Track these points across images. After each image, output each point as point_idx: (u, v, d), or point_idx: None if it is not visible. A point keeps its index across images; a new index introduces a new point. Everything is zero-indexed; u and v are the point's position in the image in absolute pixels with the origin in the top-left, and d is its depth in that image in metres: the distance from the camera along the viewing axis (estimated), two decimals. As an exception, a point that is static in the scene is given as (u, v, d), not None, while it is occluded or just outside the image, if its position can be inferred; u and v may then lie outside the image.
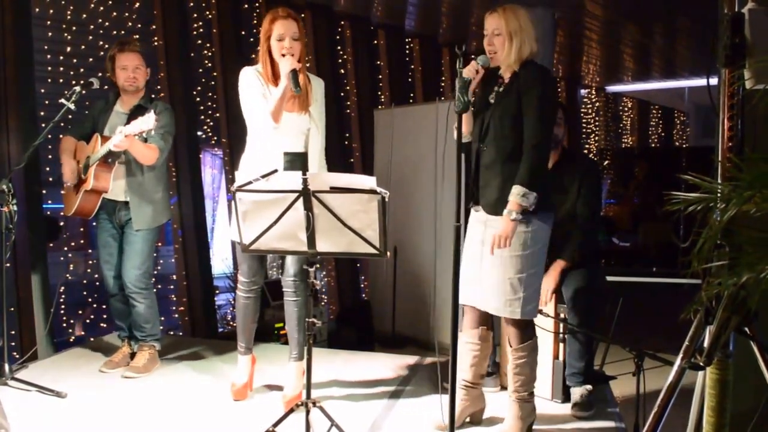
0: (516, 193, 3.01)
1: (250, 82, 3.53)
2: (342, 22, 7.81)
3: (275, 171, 2.89)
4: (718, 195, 1.89)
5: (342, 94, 7.69)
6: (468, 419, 3.43)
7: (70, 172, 4.14)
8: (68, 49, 5.49)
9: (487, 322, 3.37)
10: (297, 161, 3.50)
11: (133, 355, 4.29)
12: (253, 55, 6.67)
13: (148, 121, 3.74)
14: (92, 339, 5.08)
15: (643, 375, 3.14)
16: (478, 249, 3.19)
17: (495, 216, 3.13)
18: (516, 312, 3.12)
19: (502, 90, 3.19)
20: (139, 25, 5.91)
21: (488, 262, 3.14)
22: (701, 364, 2.10)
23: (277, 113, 3.44)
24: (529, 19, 3.16)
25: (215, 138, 6.78)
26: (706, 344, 2.11)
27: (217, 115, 6.55)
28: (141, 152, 3.98)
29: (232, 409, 3.64)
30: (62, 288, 5.44)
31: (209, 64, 6.47)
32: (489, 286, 3.15)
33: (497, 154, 3.14)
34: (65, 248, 5.73)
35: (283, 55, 3.44)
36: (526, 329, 3.22)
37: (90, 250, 5.74)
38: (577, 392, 3.66)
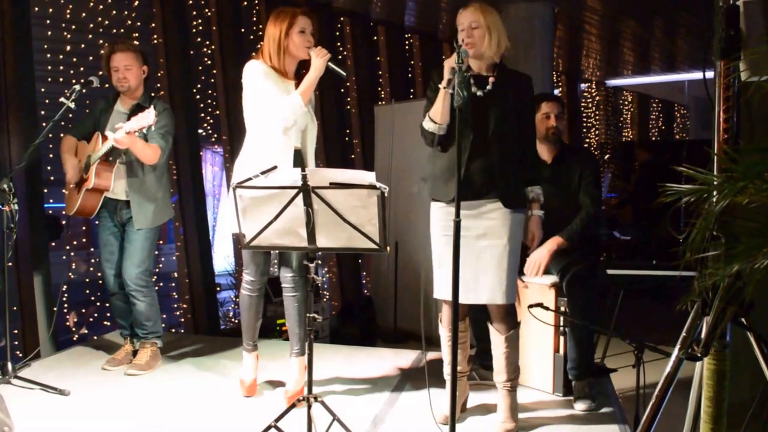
0: (539, 192, 3.34)
1: (266, 75, 3.54)
2: (342, 19, 7.81)
3: (275, 167, 2.90)
4: (714, 185, 1.90)
5: (342, 90, 7.69)
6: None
7: (72, 169, 4.15)
8: (68, 48, 5.50)
9: (468, 313, 3.49)
10: (298, 158, 3.55)
11: (135, 353, 4.31)
12: (253, 53, 6.69)
13: (148, 117, 3.75)
14: (95, 337, 5.10)
15: (643, 367, 3.15)
16: (472, 243, 3.19)
17: (499, 209, 3.20)
18: (513, 298, 3.26)
19: (492, 88, 3.22)
20: (139, 24, 5.92)
21: (485, 254, 3.17)
22: (698, 354, 2.11)
23: (307, 97, 3.54)
24: (498, 17, 3.29)
25: (215, 135, 6.80)
26: (703, 335, 2.12)
27: (218, 112, 6.55)
28: (142, 151, 3.98)
29: (235, 404, 3.66)
30: (65, 287, 5.46)
31: (209, 62, 6.48)
32: (491, 277, 3.19)
33: (507, 152, 3.23)
34: (67, 247, 5.75)
35: (308, 48, 3.55)
36: (513, 315, 3.34)
37: (92, 249, 5.76)
38: (578, 384, 3.67)
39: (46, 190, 5.11)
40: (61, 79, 5.42)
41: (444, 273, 3.22)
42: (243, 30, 6.62)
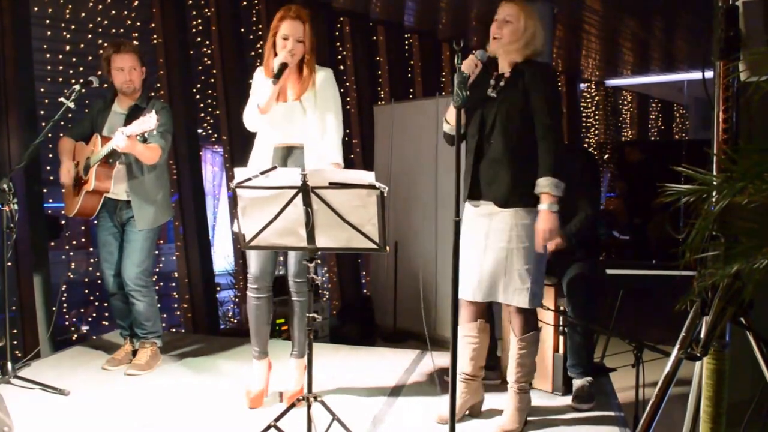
0: (547, 184, 3.11)
1: (255, 80, 3.61)
2: (341, 19, 7.81)
3: (275, 167, 2.91)
4: (713, 185, 1.90)
5: (342, 90, 7.67)
6: (467, 412, 3.46)
7: (67, 173, 4.16)
8: (67, 47, 5.50)
9: (485, 314, 3.41)
10: (279, 156, 3.56)
11: (135, 353, 4.31)
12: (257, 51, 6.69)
13: (149, 122, 3.74)
14: (94, 337, 5.10)
15: (643, 366, 3.16)
16: (482, 242, 3.21)
17: (504, 209, 3.17)
18: (524, 301, 3.18)
19: (504, 85, 3.21)
20: (138, 23, 5.92)
21: (494, 254, 3.17)
22: (698, 354, 2.11)
23: (266, 106, 3.50)
24: (540, 22, 3.23)
25: (215, 135, 6.79)
26: (702, 335, 2.13)
27: (217, 112, 6.55)
28: (143, 153, 3.99)
29: (234, 404, 3.65)
30: (64, 286, 5.46)
31: (209, 62, 6.48)
32: (497, 277, 3.18)
33: (506, 149, 3.18)
34: (67, 247, 5.75)
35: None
36: (530, 319, 3.28)
37: (91, 249, 5.76)
38: (578, 384, 3.68)
39: (45, 190, 5.11)
40: (60, 79, 5.42)
41: (467, 272, 3.21)
42: (243, 30, 6.62)
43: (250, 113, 3.55)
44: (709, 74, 2.28)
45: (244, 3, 6.74)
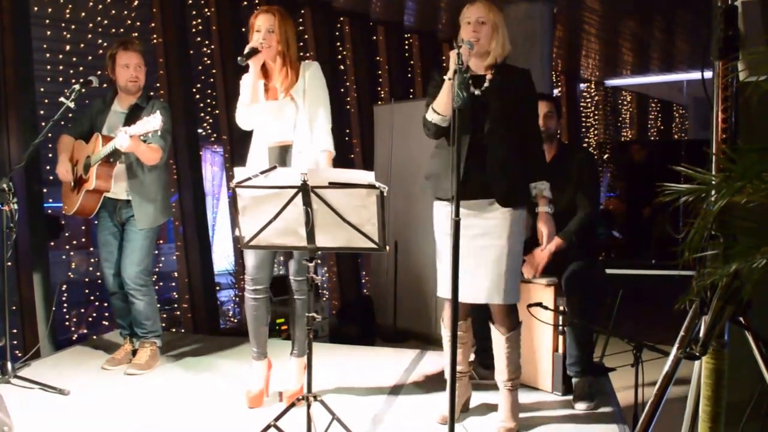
0: (545, 188, 3.25)
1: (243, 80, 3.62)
2: (341, 18, 7.82)
3: (275, 167, 2.91)
4: (712, 185, 1.91)
5: (342, 90, 7.70)
6: (461, 409, 3.49)
7: (65, 172, 4.16)
8: (67, 47, 5.50)
9: (471, 314, 3.45)
10: (274, 157, 3.56)
11: (134, 353, 4.31)
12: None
13: (154, 122, 3.74)
14: (94, 337, 5.10)
15: (642, 366, 3.16)
16: (471, 242, 3.18)
17: (496, 209, 3.17)
18: (515, 298, 3.23)
19: (490, 85, 3.21)
20: (138, 23, 5.92)
21: (483, 253, 3.17)
22: (697, 353, 2.12)
23: (250, 98, 3.54)
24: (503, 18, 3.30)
25: (215, 135, 6.80)
26: (701, 334, 2.13)
27: (217, 112, 6.56)
28: (145, 154, 3.99)
29: (234, 404, 3.65)
30: (64, 286, 5.46)
31: (209, 62, 6.48)
32: (482, 277, 3.18)
33: (507, 150, 3.19)
34: (67, 247, 5.75)
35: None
36: (514, 315, 3.31)
37: (92, 249, 5.77)
38: (577, 383, 3.68)
39: (45, 190, 5.12)
40: (61, 79, 5.42)
41: (446, 271, 3.21)
42: (243, 30, 6.62)
43: (238, 109, 3.59)
44: (708, 74, 2.29)
45: (245, 3, 6.74)
